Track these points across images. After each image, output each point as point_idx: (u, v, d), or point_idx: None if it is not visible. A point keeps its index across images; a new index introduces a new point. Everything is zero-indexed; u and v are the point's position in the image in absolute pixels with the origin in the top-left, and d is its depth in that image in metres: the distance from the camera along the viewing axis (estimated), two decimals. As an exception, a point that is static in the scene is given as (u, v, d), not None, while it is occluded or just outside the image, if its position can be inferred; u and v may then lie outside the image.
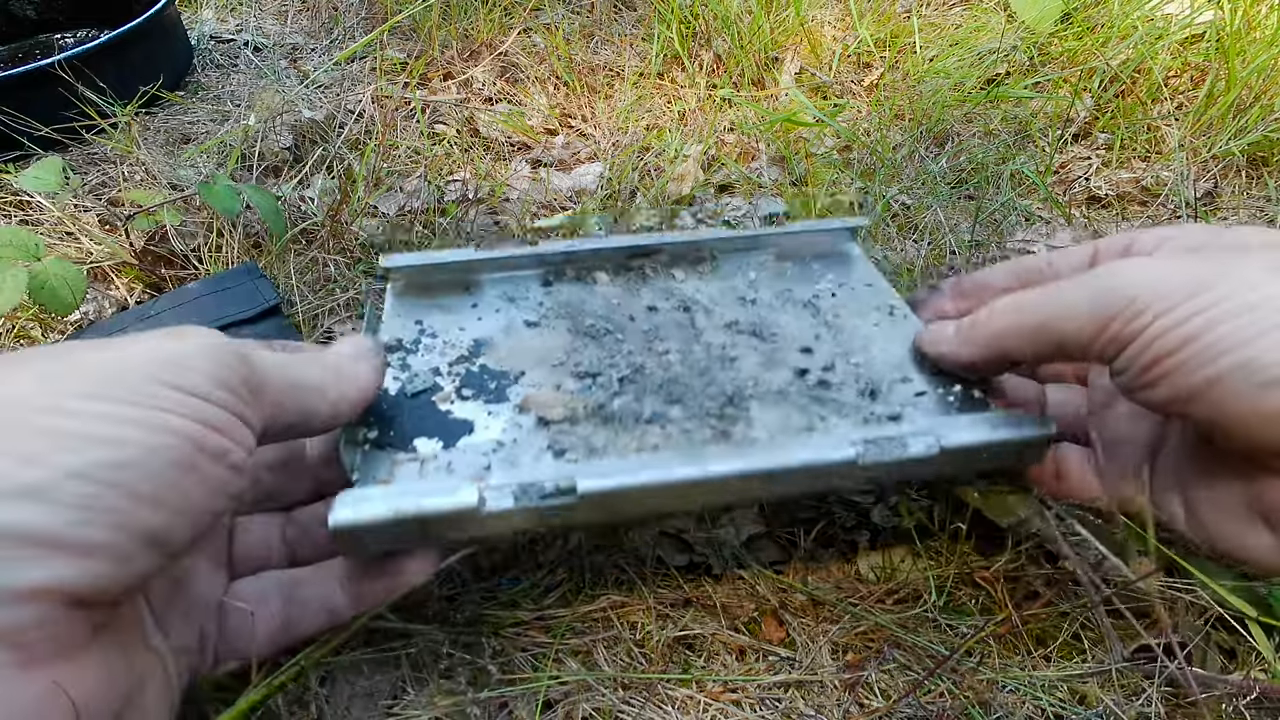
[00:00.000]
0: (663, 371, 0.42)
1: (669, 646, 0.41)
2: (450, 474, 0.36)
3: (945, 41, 0.87)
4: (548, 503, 0.33)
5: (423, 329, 0.45)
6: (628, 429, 0.38)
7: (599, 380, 0.41)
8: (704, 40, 0.88)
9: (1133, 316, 0.32)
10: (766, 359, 0.43)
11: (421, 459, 0.36)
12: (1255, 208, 0.69)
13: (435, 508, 0.32)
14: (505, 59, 0.90)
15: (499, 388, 0.41)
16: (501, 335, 0.45)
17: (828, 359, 0.43)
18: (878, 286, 0.49)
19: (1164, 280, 0.32)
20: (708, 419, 0.39)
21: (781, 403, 0.40)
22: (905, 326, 0.45)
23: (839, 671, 0.40)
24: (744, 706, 0.39)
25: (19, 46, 0.99)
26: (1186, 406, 0.31)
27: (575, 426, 0.38)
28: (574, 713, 0.39)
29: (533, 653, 0.41)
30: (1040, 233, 0.66)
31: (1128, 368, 0.32)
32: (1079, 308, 0.33)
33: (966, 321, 0.39)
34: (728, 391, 0.40)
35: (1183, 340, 0.30)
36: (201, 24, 1.00)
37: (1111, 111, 0.78)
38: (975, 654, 0.40)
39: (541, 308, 0.47)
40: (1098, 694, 0.38)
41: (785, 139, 0.76)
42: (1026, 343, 0.36)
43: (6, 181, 0.72)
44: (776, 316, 0.47)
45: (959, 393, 0.41)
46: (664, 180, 0.72)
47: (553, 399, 0.40)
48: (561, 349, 0.44)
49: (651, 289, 0.49)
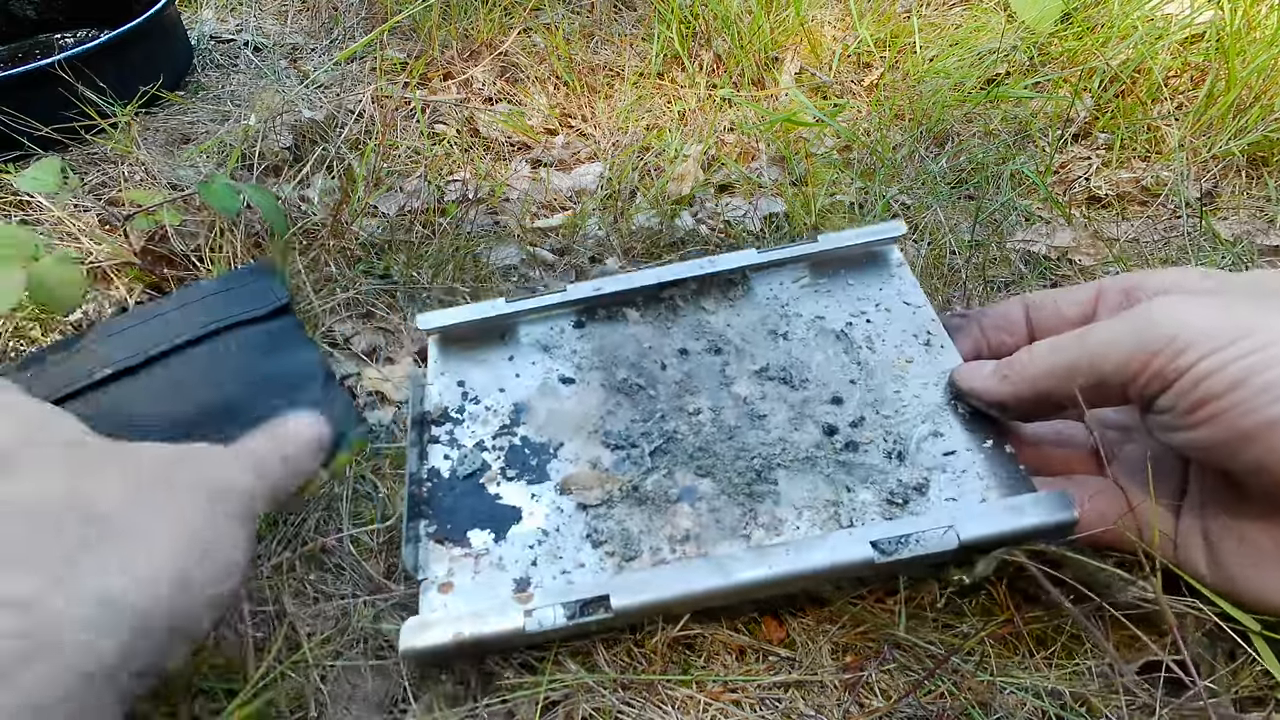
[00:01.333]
0: (694, 436, 0.44)
1: (669, 647, 0.41)
2: (501, 570, 0.40)
3: (945, 41, 0.87)
4: (585, 617, 0.37)
5: (465, 393, 0.48)
6: (660, 511, 0.41)
7: (633, 454, 0.43)
8: (704, 40, 0.88)
9: (1175, 354, 0.31)
10: (796, 414, 0.44)
11: (475, 554, 0.40)
12: (1255, 208, 0.69)
13: (489, 631, 0.36)
14: (505, 59, 0.90)
15: (540, 464, 0.44)
16: (539, 396, 0.47)
17: (857, 412, 0.44)
18: (915, 304, 0.48)
19: (1205, 320, 0.31)
20: (737, 496, 0.41)
21: (809, 471, 0.42)
22: (940, 360, 0.45)
23: (839, 671, 0.40)
24: (744, 706, 0.39)
25: (19, 46, 0.99)
26: (1232, 449, 0.31)
27: (612, 510, 0.41)
28: (574, 713, 0.39)
29: (532, 654, 0.41)
30: (1040, 233, 0.66)
31: (1172, 406, 0.32)
32: (1120, 345, 0.33)
33: (1004, 362, 0.40)
34: (756, 465, 0.42)
35: (1233, 383, 0.30)
36: (201, 24, 1.00)
37: (1111, 111, 0.78)
38: (975, 658, 0.40)
39: (575, 356, 0.49)
40: (1099, 705, 0.38)
41: (785, 139, 0.76)
42: (1064, 382, 0.36)
43: (6, 181, 0.72)
44: (809, 356, 0.47)
45: (989, 449, 0.41)
46: (664, 180, 0.72)
47: (590, 479, 0.43)
48: (596, 411, 0.46)
49: (682, 326, 0.50)
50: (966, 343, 0.46)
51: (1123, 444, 0.41)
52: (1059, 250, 0.65)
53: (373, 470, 0.50)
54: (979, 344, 0.45)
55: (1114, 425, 0.42)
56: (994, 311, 0.45)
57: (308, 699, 0.40)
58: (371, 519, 0.47)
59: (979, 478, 0.40)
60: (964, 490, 0.40)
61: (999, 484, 0.39)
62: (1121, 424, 0.41)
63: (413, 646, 0.36)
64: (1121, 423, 0.42)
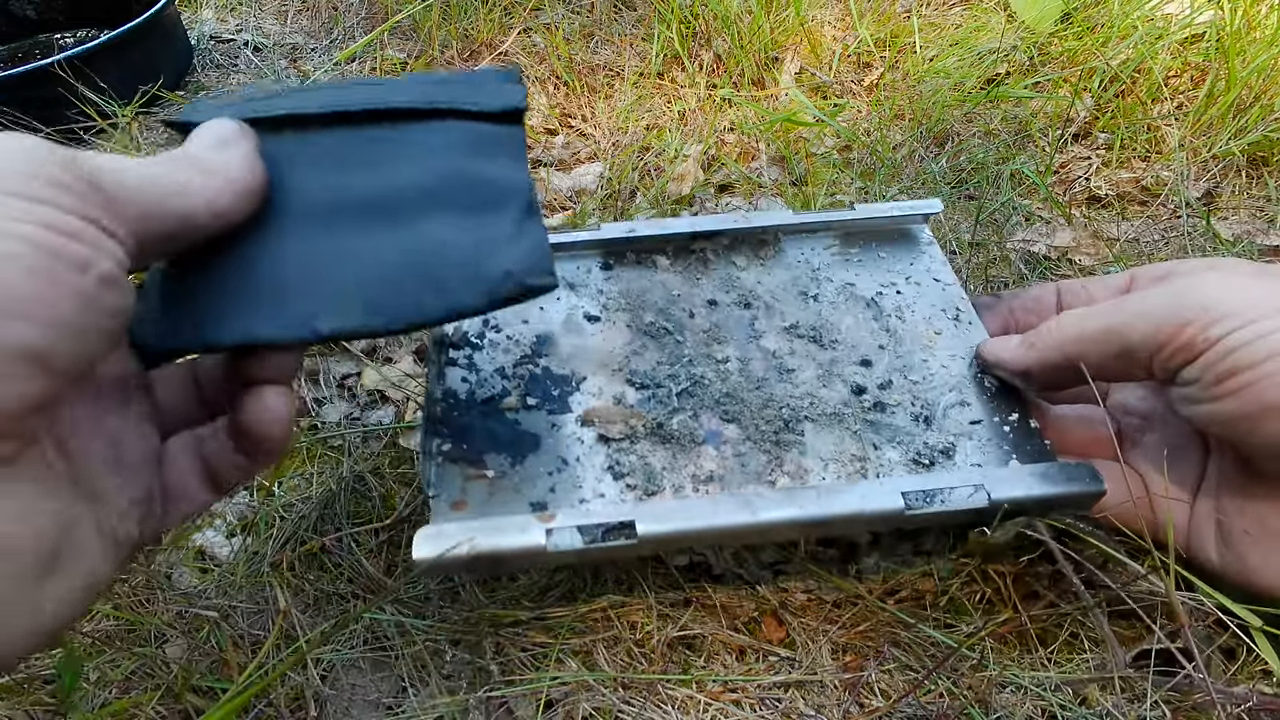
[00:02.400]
0: (720, 383, 0.43)
1: (669, 646, 0.41)
2: (518, 494, 0.38)
3: (945, 41, 0.87)
4: (607, 543, 0.35)
5: (486, 320, 0.46)
6: (685, 450, 0.40)
7: (658, 394, 0.42)
8: (704, 40, 0.88)
9: (1208, 324, 0.31)
10: (825, 371, 0.44)
11: (491, 476, 0.39)
12: (1255, 208, 0.69)
13: (507, 545, 0.34)
14: (505, 59, 0.90)
15: (561, 395, 0.43)
16: (563, 331, 0.46)
17: (885, 375, 0.43)
18: (945, 281, 0.49)
19: (1241, 295, 0.31)
20: (763, 443, 0.40)
21: (836, 426, 0.41)
22: (969, 335, 0.45)
23: (839, 671, 0.40)
24: (744, 706, 0.39)
25: (19, 46, 0.99)
26: (1254, 424, 0.31)
27: (634, 445, 0.40)
28: (574, 712, 0.39)
29: (533, 652, 0.41)
30: (1040, 233, 0.66)
31: (1199, 377, 0.32)
32: (1151, 314, 0.33)
33: (1032, 331, 0.40)
34: (784, 415, 0.41)
35: (1265, 353, 0.30)
36: (201, 24, 1.00)
37: (1111, 111, 0.78)
38: (976, 653, 0.40)
39: (602, 296, 0.48)
40: (1098, 697, 0.38)
41: (785, 139, 0.76)
42: (1092, 349, 0.36)
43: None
44: (839, 318, 0.47)
45: (1015, 422, 0.41)
46: (664, 180, 0.72)
47: (613, 414, 0.41)
48: (621, 350, 0.45)
49: (712, 278, 0.49)
50: (995, 321, 0.46)
51: (1144, 431, 0.41)
52: (1059, 250, 0.65)
53: (372, 471, 0.50)
54: (1008, 324, 0.45)
55: (1136, 413, 0.42)
56: (1025, 294, 0.45)
57: (307, 698, 0.40)
58: (370, 518, 0.47)
59: (1003, 447, 0.40)
60: (989, 458, 0.39)
61: (1024, 455, 0.39)
62: (1143, 412, 0.42)
63: (428, 555, 0.34)
64: (1143, 411, 0.42)
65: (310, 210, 0.31)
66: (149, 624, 0.42)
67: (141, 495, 0.28)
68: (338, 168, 0.32)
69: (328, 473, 0.50)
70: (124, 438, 0.28)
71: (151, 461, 0.29)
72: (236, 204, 0.28)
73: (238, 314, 0.28)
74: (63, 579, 0.24)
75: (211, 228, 0.28)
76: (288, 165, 0.31)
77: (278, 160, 0.31)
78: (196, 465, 0.30)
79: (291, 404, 0.30)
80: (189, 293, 0.29)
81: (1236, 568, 0.35)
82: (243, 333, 0.28)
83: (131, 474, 0.28)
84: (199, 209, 0.27)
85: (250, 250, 0.30)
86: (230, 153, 0.29)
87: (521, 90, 0.36)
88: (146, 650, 0.41)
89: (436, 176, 0.32)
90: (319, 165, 0.32)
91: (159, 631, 0.42)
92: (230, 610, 0.43)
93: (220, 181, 0.28)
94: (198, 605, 0.43)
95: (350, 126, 0.33)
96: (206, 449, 0.30)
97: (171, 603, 0.43)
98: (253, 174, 0.29)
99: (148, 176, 0.26)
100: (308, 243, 0.30)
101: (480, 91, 0.35)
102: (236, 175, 0.29)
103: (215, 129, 0.30)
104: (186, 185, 0.27)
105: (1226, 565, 0.35)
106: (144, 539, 0.28)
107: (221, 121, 0.30)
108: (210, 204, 0.27)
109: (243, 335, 0.28)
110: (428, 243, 0.30)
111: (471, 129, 0.34)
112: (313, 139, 0.33)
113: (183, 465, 0.30)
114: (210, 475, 0.30)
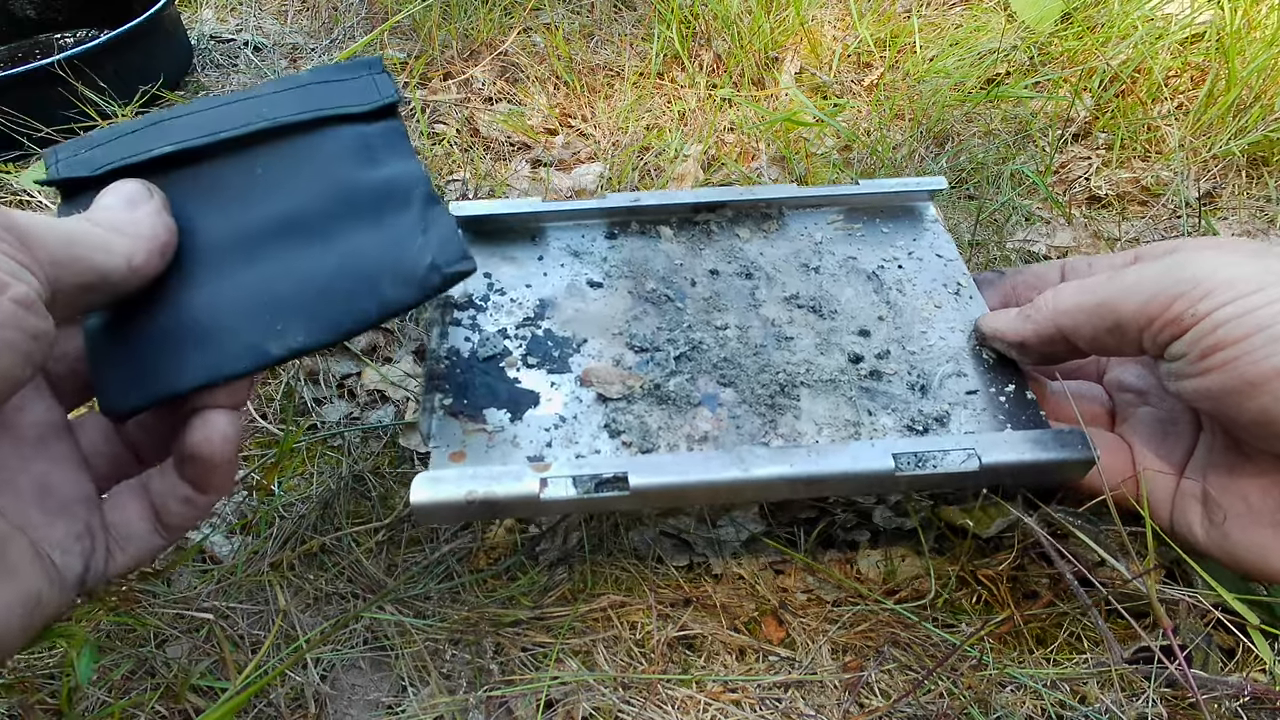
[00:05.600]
0: (719, 349, 0.43)
1: (669, 646, 0.41)
2: (515, 448, 0.39)
3: (945, 41, 0.87)
4: (601, 494, 0.35)
5: (491, 284, 0.47)
6: (681, 411, 0.40)
7: (657, 357, 0.43)
8: (704, 40, 0.88)
9: (1198, 299, 0.31)
10: (823, 340, 0.44)
11: (490, 430, 0.39)
12: (1255, 208, 0.69)
13: (502, 493, 0.35)
14: (505, 59, 0.90)
15: (562, 356, 0.43)
16: (565, 296, 0.47)
17: (883, 345, 0.44)
18: (947, 257, 0.49)
19: (1233, 268, 0.31)
20: (759, 406, 0.41)
21: (831, 393, 0.41)
22: (968, 309, 0.45)
23: (839, 671, 0.40)
24: (744, 706, 0.39)
25: (19, 46, 0.99)
26: (1239, 398, 0.30)
27: (632, 405, 0.41)
28: (574, 712, 0.39)
29: (533, 652, 0.41)
30: (1040, 233, 0.66)
31: (1185, 352, 0.32)
32: (1142, 287, 0.33)
33: (1029, 304, 0.40)
34: (780, 380, 0.42)
35: (1251, 328, 0.30)
36: (201, 24, 1.00)
37: (1111, 111, 0.78)
38: (975, 653, 0.40)
39: (605, 264, 0.49)
40: (1097, 694, 0.38)
41: (785, 139, 0.76)
42: (1084, 321, 0.36)
43: (7, 181, 0.72)
44: (839, 290, 0.47)
45: (1011, 393, 0.41)
46: (664, 180, 0.72)
47: (612, 374, 0.42)
48: (622, 315, 0.45)
49: (715, 249, 0.50)
50: (996, 297, 0.46)
51: (1137, 406, 0.41)
52: (1059, 250, 0.65)
53: (372, 471, 0.50)
54: (1008, 299, 0.45)
55: (1131, 389, 0.42)
56: (1029, 270, 0.45)
57: (306, 698, 0.40)
58: (370, 518, 0.47)
59: (998, 417, 0.40)
60: (983, 426, 0.40)
61: (1018, 425, 0.39)
62: (1137, 388, 0.42)
63: (424, 500, 0.35)
64: (1137, 386, 0.42)
65: (226, 244, 0.32)
66: (149, 624, 0.42)
67: (80, 531, 0.29)
68: (239, 197, 0.33)
69: (327, 473, 0.50)
70: (52, 480, 0.29)
71: (85, 502, 0.30)
72: (151, 261, 0.29)
73: (189, 358, 0.29)
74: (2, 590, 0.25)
75: (130, 283, 0.29)
76: (192, 205, 0.32)
77: (180, 202, 0.32)
78: (143, 508, 0.31)
79: (239, 426, 0.30)
80: (133, 348, 0.30)
81: (1220, 545, 0.35)
82: (204, 375, 0.29)
83: (65, 513, 0.29)
84: (118, 266, 0.28)
85: (180, 295, 0.30)
86: (141, 211, 0.30)
87: (389, 81, 0.36)
88: (146, 650, 0.41)
89: (335, 185, 0.33)
90: (220, 198, 0.33)
91: (159, 631, 0.42)
92: (230, 610, 0.43)
93: (133, 241, 0.29)
94: (197, 605, 0.43)
95: (238, 152, 0.34)
96: (154, 487, 0.31)
97: (171, 603, 0.43)
98: (167, 230, 0.30)
99: (64, 229, 0.26)
100: (233, 276, 0.31)
101: (351, 90, 0.35)
102: (150, 233, 0.29)
103: (121, 190, 0.30)
104: (105, 242, 0.28)
105: (1210, 542, 0.35)
106: (92, 576, 0.29)
107: (125, 183, 0.31)
108: (129, 260, 0.28)
109: (205, 378, 0.29)
110: (346, 249, 0.31)
111: (354, 132, 0.34)
112: (205, 172, 0.33)
113: (130, 510, 0.31)
114: (159, 516, 0.31)
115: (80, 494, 0.30)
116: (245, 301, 0.30)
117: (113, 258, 0.28)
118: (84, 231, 0.27)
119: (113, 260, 0.28)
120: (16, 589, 0.26)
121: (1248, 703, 0.36)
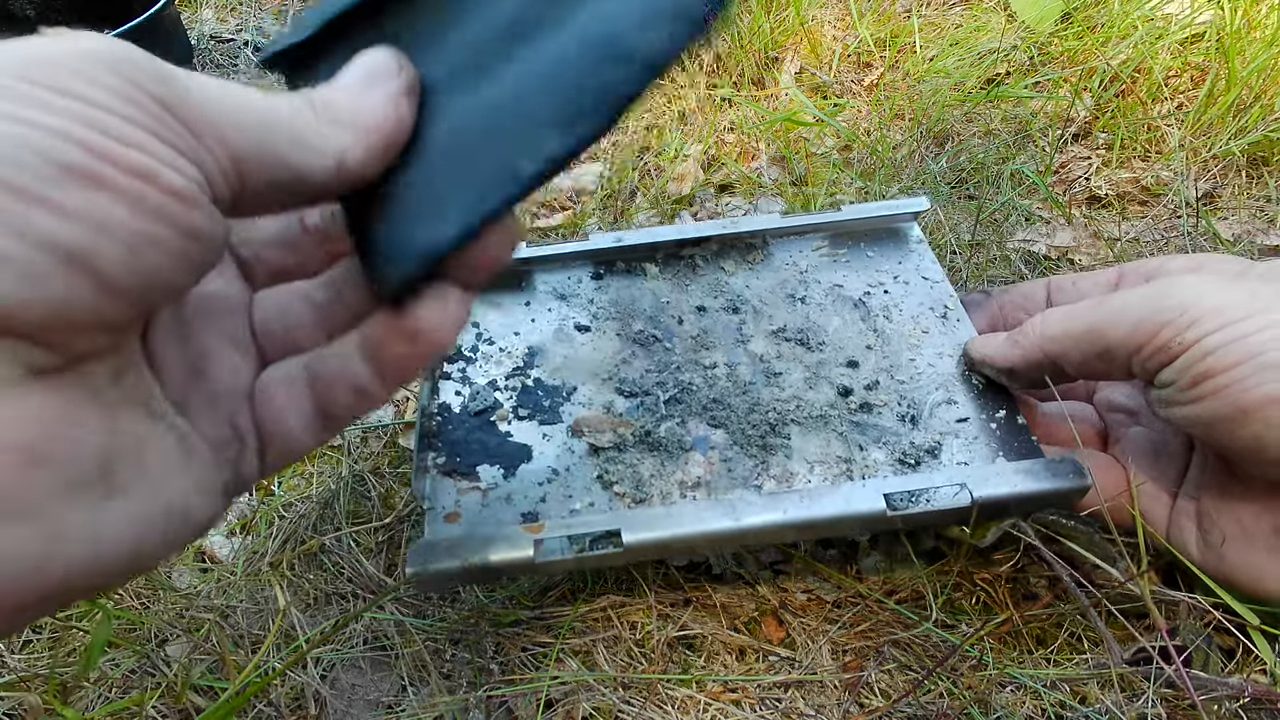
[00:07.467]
0: (708, 389, 0.43)
1: (669, 646, 0.41)
2: (509, 504, 0.39)
3: (945, 41, 0.87)
4: (595, 551, 0.36)
5: (480, 334, 0.47)
6: (673, 457, 0.41)
7: (646, 401, 0.43)
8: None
9: (1185, 326, 0.31)
10: (812, 374, 0.44)
11: (483, 488, 0.40)
12: (1255, 208, 0.69)
13: (497, 559, 0.35)
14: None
15: (552, 405, 0.43)
16: (554, 341, 0.47)
17: (872, 375, 0.44)
18: (933, 279, 0.49)
19: (1218, 294, 0.31)
20: (750, 447, 0.41)
21: (822, 429, 0.41)
22: (956, 333, 0.45)
23: (839, 671, 0.40)
24: (744, 706, 0.39)
25: (19, 46, 0.99)
26: (1231, 426, 0.30)
27: (623, 454, 0.41)
28: (574, 712, 0.39)
29: (533, 652, 0.41)
30: (1040, 233, 0.66)
31: (1174, 380, 0.32)
32: (1130, 313, 0.33)
33: (1017, 329, 0.40)
34: (770, 419, 0.42)
35: (1241, 356, 0.30)
36: (201, 24, 1.00)
37: (1111, 111, 0.78)
38: (975, 653, 0.40)
39: (592, 305, 0.49)
40: (1097, 694, 0.38)
41: (785, 139, 0.76)
42: (1072, 348, 0.36)
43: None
44: (826, 320, 0.47)
45: (1002, 419, 0.41)
46: (664, 180, 0.72)
47: (602, 422, 0.42)
48: (611, 359, 0.45)
49: (700, 284, 0.50)
50: (983, 319, 0.46)
51: (1129, 426, 0.41)
52: (1059, 250, 0.65)
53: (372, 470, 0.50)
54: (996, 320, 0.45)
55: (1122, 409, 0.42)
56: (1016, 290, 0.45)
57: (306, 697, 0.40)
58: (370, 518, 0.47)
59: (990, 445, 0.40)
60: (975, 456, 0.40)
61: (1010, 452, 0.39)
62: (1128, 408, 0.42)
63: (420, 570, 0.35)
64: (1128, 406, 0.42)
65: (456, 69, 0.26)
66: (149, 623, 0.42)
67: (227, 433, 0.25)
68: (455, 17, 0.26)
69: (327, 473, 0.50)
70: (210, 366, 0.25)
71: (241, 395, 0.26)
72: (370, 160, 0.23)
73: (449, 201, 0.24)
74: (127, 502, 0.21)
75: (339, 186, 0.23)
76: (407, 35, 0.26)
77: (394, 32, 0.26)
78: (296, 400, 0.26)
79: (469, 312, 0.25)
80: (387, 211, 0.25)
81: (1216, 565, 0.35)
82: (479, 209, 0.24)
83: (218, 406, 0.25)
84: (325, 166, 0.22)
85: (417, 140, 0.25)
86: (377, 93, 0.23)
87: None
88: (147, 649, 0.41)
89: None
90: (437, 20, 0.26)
91: (159, 631, 0.42)
92: (230, 610, 0.43)
93: (351, 134, 0.23)
94: (197, 605, 0.43)
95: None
96: (320, 371, 0.26)
97: (171, 602, 0.43)
98: (398, 122, 0.24)
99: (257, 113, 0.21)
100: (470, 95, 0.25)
101: None
102: (374, 123, 0.23)
103: (365, 64, 0.24)
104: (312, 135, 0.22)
105: (1206, 562, 0.35)
106: (241, 483, 0.25)
107: (374, 54, 0.24)
108: (340, 159, 0.23)
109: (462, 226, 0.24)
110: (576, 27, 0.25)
111: None
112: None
113: (280, 400, 0.26)
114: (321, 406, 0.26)
115: (240, 385, 0.26)
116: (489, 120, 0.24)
117: (317, 156, 0.22)
118: (287, 118, 0.22)
119: (317, 160, 0.22)
120: (153, 499, 0.21)
121: (1248, 704, 0.36)
